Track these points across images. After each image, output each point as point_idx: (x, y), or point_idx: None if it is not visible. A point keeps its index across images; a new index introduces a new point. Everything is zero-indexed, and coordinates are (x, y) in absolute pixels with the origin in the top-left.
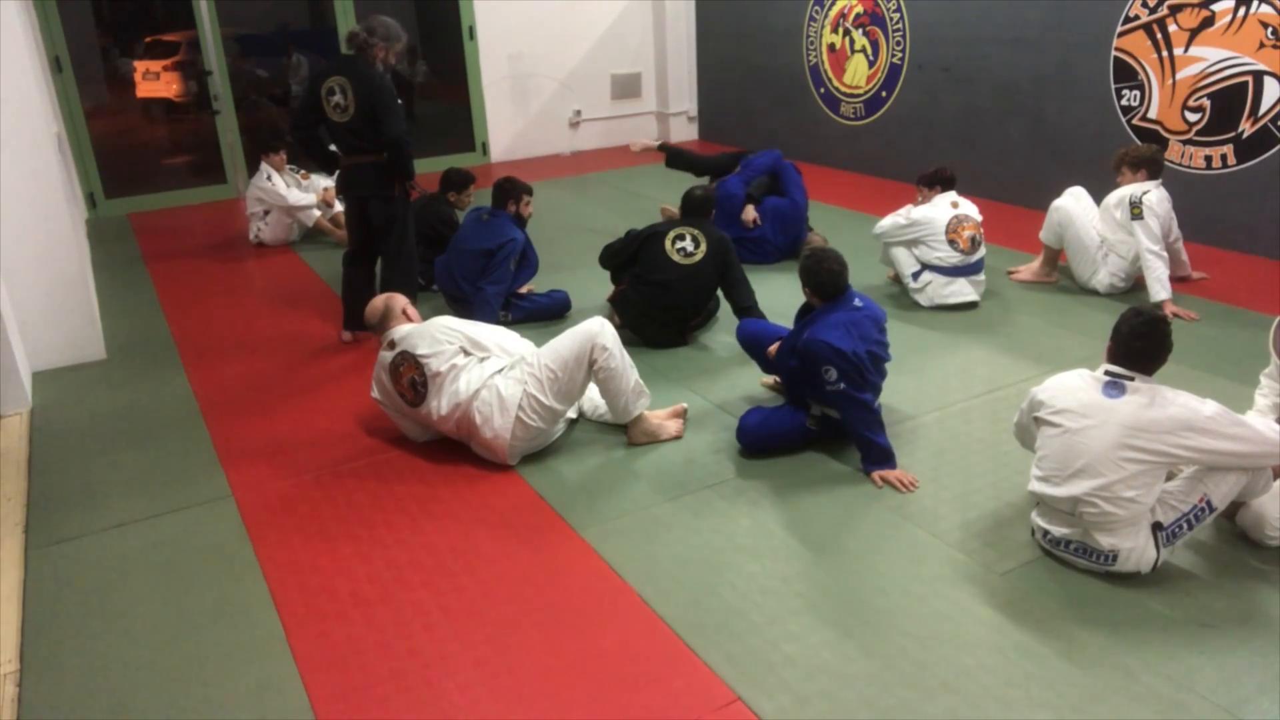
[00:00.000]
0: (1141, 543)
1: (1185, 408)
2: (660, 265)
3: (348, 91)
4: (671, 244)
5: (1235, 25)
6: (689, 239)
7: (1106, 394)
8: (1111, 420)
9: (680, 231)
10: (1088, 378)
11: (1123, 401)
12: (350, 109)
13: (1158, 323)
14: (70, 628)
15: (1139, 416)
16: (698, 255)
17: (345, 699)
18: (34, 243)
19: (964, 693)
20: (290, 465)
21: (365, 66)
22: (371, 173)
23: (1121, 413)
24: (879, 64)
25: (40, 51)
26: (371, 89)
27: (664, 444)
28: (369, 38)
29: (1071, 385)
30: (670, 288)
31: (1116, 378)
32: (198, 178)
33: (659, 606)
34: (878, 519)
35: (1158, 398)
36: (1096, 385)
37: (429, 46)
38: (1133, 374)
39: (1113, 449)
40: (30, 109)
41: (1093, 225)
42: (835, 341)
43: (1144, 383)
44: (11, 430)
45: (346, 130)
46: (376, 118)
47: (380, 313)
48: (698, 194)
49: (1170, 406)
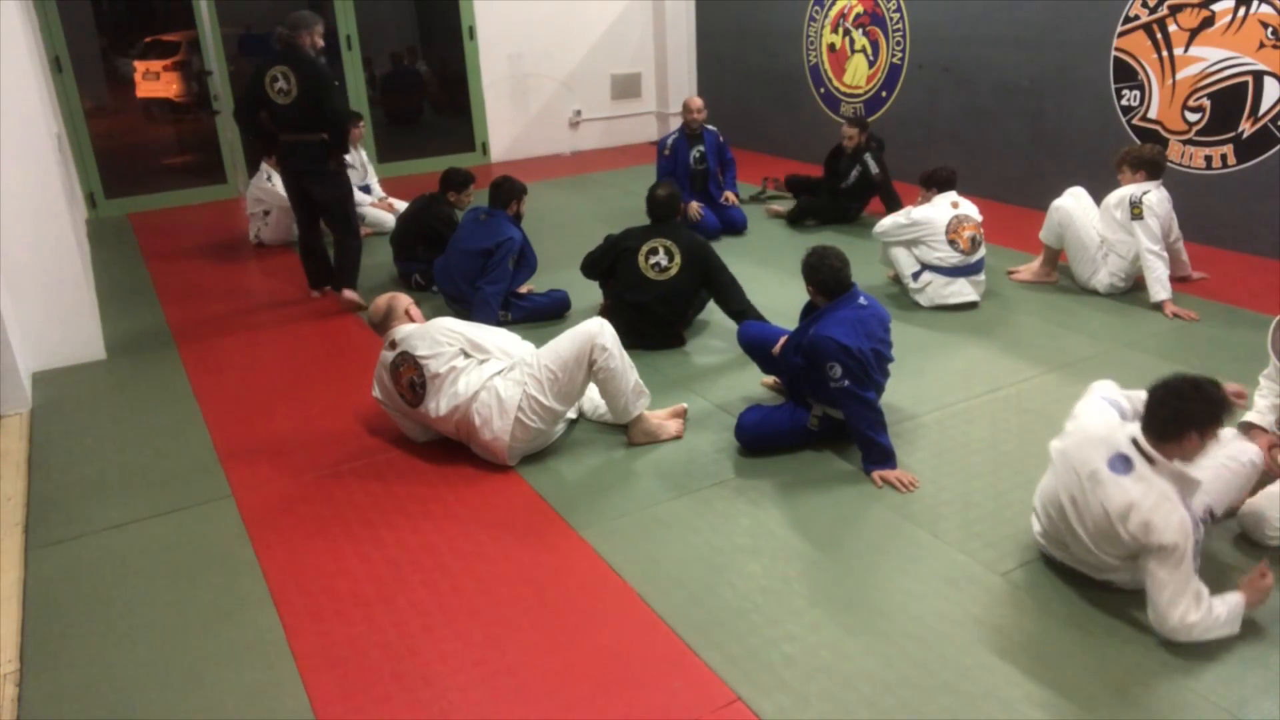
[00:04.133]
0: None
1: (1155, 527)
2: (635, 283)
3: (290, 77)
4: (645, 259)
5: (1235, 25)
6: (661, 252)
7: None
8: (1095, 506)
9: (653, 245)
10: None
11: (1120, 483)
12: (293, 92)
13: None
14: (70, 628)
15: (1122, 505)
16: (673, 269)
17: (345, 699)
18: (34, 243)
19: (964, 693)
20: (290, 465)
21: (303, 54)
22: (311, 149)
23: (1114, 500)
24: (879, 64)
25: (40, 51)
26: (312, 74)
27: (664, 444)
28: (293, 32)
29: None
30: (648, 308)
31: (1135, 453)
32: (198, 178)
33: (659, 606)
34: (878, 519)
35: (1150, 493)
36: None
37: (429, 46)
38: (1155, 455)
39: (1094, 538)
40: (30, 109)
41: (1093, 225)
42: (841, 338)
43: (1157, 470)
44: (11, 430)
45: (289, 112)
46: (318, 100)
47: (383, 312)
48: (661, 194)
49: (1145, 513)
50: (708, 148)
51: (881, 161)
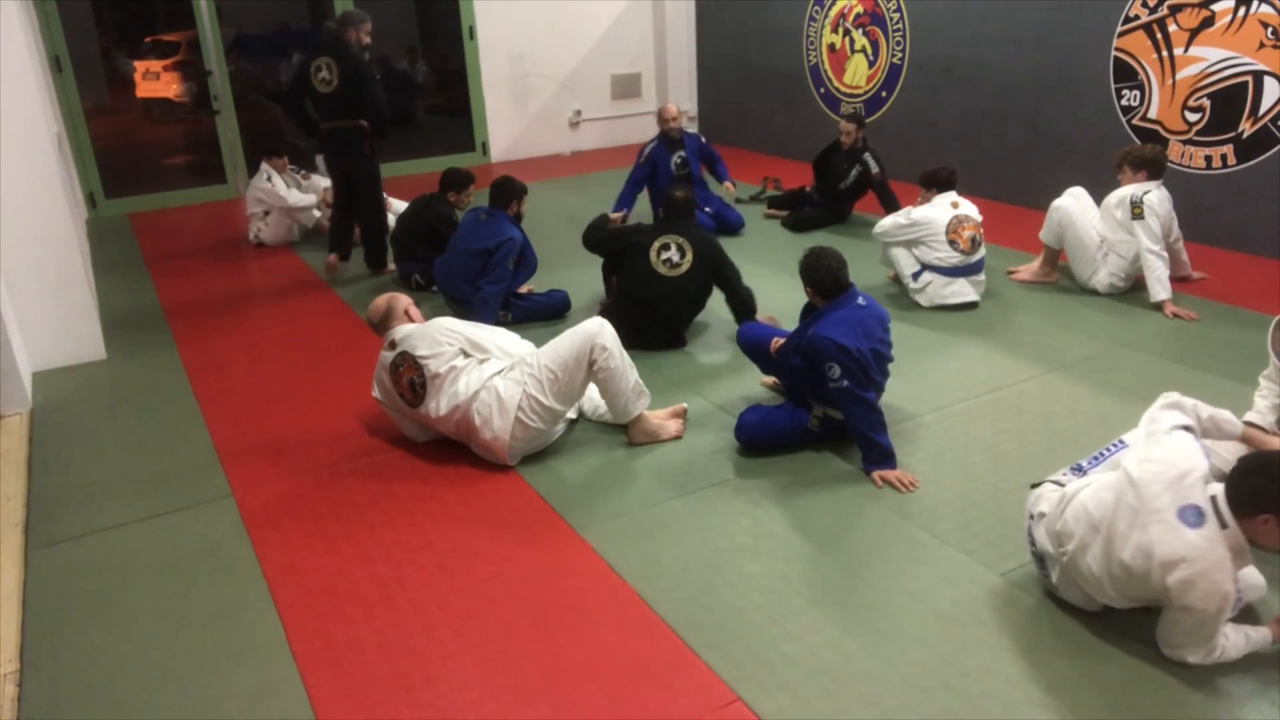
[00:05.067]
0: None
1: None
2: (645, 279)
3: (333, 68)
4: (656, 255)
5: (1235, 25)
6: (674, 248)
7: (1181, 516)
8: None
9: (665, 240)
10: (1188, 488)
11: (1184, 535)
12: (335, 82)
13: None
14: (70, 628)
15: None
16: (684, 265)
17: (345, 699)
18: (34, 243)
19: (964, 693)
20: (290, 465)
21: (345, 48)
22: (348, 135)
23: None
24: (879, 64)
25: (40, 51)
26: (353, 66)
27: (664, 444)
28: (341, 27)
29: (1166, 478)
30: (658, 305)
31: (1211, 511)
32: (198, 178)
33: (659, 606)
34: (878, 519)
35: (1209, 555)
36: (1182, 499)
37: (429, 46)
38: (1230, 521)
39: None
40: (30, 109)
41: (1093, 225)
42: (839, 338)
43: (1226, 536)
44: (11, 430)
45: (330, 100)
46: (358, 90)
47: (383, 312)
48: (679, 196)
49: (1194, 574)
50: (689, 152)
51: (881, 164)
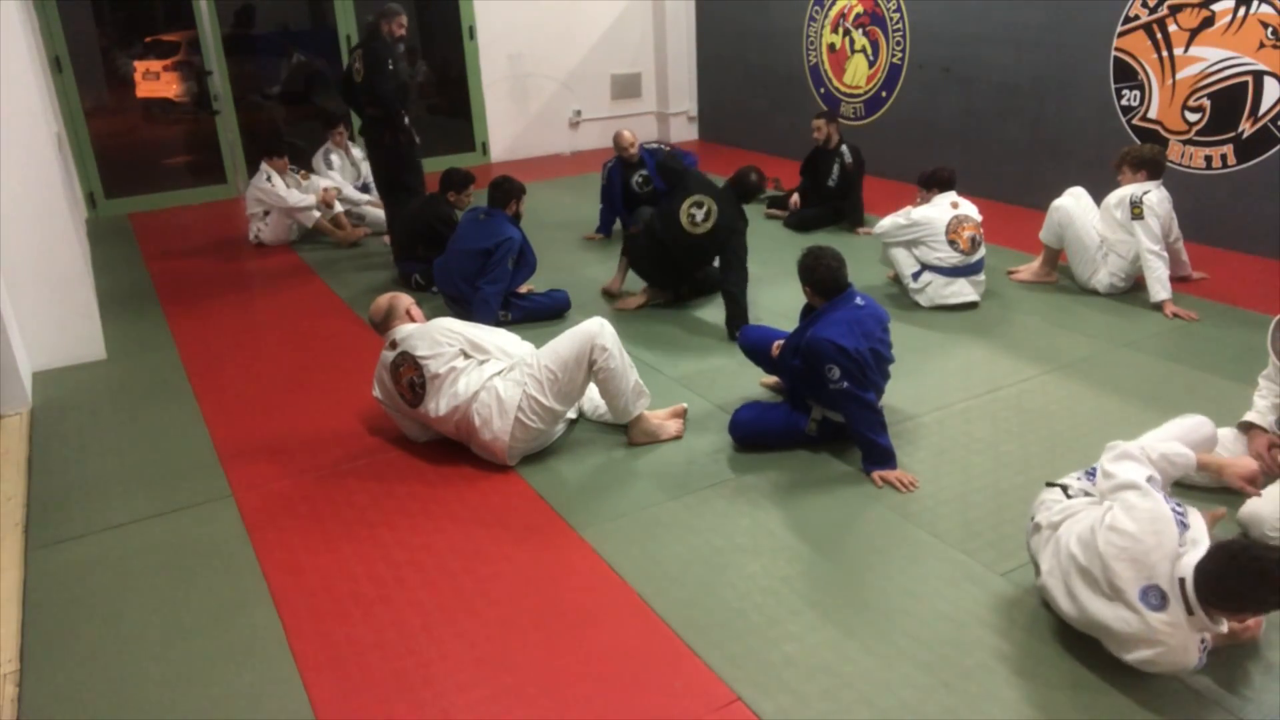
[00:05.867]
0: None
1: (1159, 665)
2: (669, 226)
3: (363, 60)
4: (686, 209)
5: (1235, 25)
6: (704, 210)
7: (1143, 597)
8: (1099, 614)
9: (699, 199)
10: (1149, 568)
11: (1144, 616)
12: (362, 72)
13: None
14: (70, 628)
15: (1131, 636)
16: (704, 227)
17: (345, 699)
18: (34, 243)
19: (964, 693)
20: (290, 465)
21: (372, 41)
22: (372, 123)
23: (1124, 626)
24: (879, 64)
25: (40, 51)
26: (371, 57)
27: (664, 444)
28: (376, 20)
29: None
30: (670, 251)
31: (1177, 596)
32: (198, 178)
33: (659, 606)
34: (878, 519)
35: (1172, 637)
36: (1144, 580)
37: (429, 46)
38: (1198, 609)
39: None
40: (30, 109)
41: (1093, 225)
42: (838, 339)
43: (1192, 622)
44: (11, 430)
45: (360, 89)
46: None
47: (384, 312)
48: (753, 179)
49: (1155, 654)
50: (650, 170)
51: (857, 154)
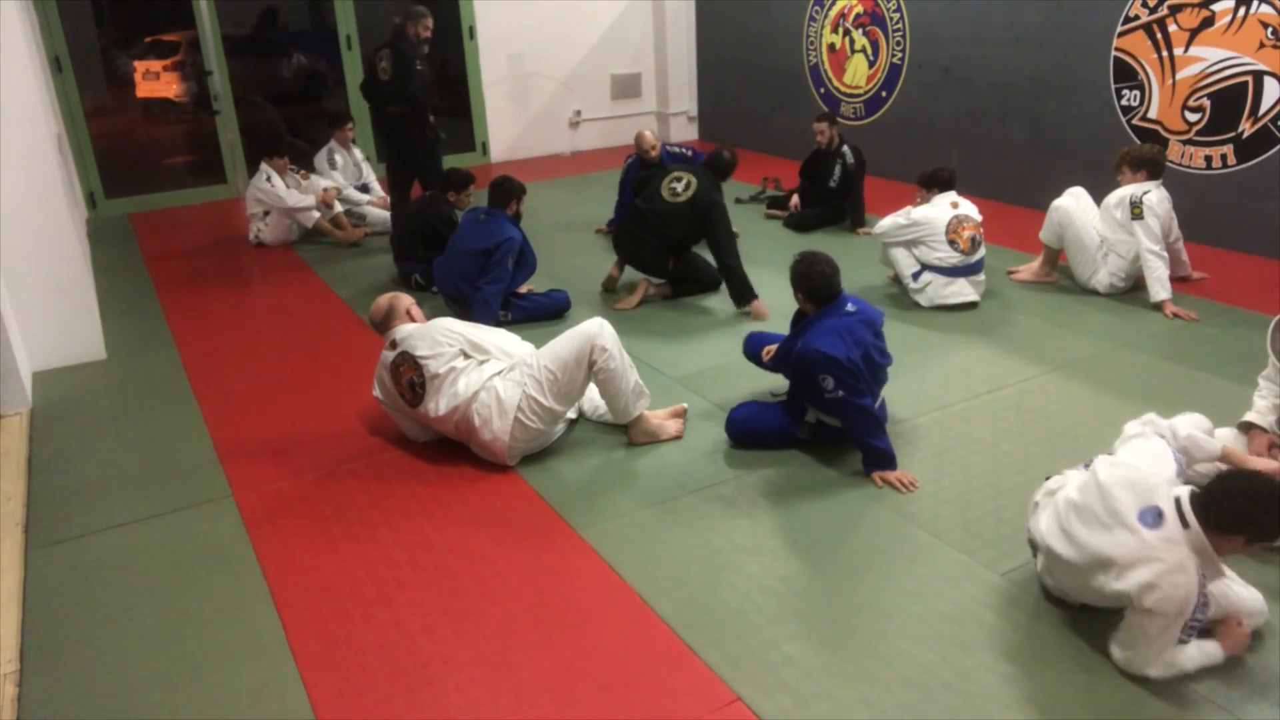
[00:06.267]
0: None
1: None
2: (651, 197)
3: (389, 59)
4: (667, 184)
5: (1235, 25)
6: (683, 182)
7: (1141, 518)
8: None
9: (678, 174)
10: (1148, 491)
11: (1142, 536)
12: (390, 71)
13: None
14: (70, 628)
15: (1130, 558)
16: (683, 197)
17: (345, 699)
18: (34, 243)
19: (964, 693)
20: (290, 465)
21: (400, 41)
22: (399, 120)
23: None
24: (879, 64)
25: (40, 51)
26: (398, 57)
27: (664, 444)
28: (403, 21)
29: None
30: (648, 219)
31: (1172, 512)
32: (198, 178)
33: (659, 606)
34: (878, 519)
35: (1168, 557)
36: (1142, 501)
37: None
38: (1193, 522)
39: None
40: (30, 109)
41: (1093, 225)
42: (829, 349)
43: (1188, 536)
44: (11, 430)
45: (386, 87)
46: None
47: (384, 312)
48: (725, 156)
49: (1154, 575)
50: None
51: (859, 155)
